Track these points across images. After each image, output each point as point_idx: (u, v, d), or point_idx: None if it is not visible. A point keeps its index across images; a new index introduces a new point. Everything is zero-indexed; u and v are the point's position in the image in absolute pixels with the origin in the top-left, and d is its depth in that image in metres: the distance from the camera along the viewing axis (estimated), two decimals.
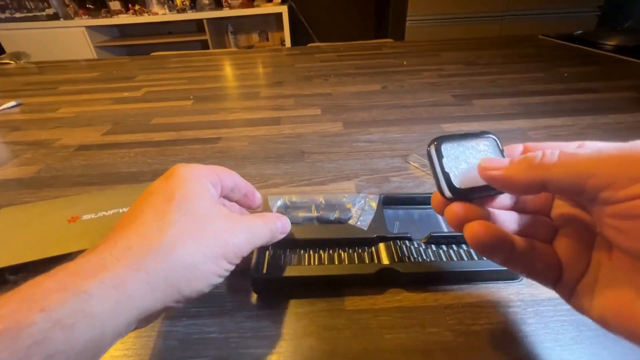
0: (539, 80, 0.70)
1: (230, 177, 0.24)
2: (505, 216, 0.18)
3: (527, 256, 0.16)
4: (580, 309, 0.16)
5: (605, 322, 0.14)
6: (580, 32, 1.05)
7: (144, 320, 0.17)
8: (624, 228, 0.13)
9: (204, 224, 0.19)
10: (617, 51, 0.86)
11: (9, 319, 0.12)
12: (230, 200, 0.26)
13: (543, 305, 0.23)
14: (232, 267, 0.20)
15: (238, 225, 0.21)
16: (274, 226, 0.23)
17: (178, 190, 0.19)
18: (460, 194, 0.17)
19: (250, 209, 0.27)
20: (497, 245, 0.16)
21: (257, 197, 0.27)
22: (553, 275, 0.16)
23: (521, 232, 0.18)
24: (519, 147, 0.18)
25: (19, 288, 0.14)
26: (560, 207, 0.18)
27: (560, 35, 1.05)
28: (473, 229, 0.16)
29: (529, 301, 0.23)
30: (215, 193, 0.22)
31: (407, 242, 0.27)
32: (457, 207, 0.17)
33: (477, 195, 0.18)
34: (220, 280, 0.19)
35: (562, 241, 0.17)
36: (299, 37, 2.55)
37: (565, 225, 0.17)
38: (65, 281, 0.14)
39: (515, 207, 0.19)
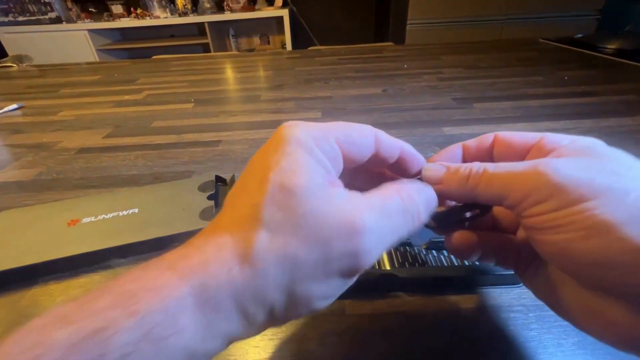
0: (539, 83, 0.70)
1: (359, 142, 0.16)
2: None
3: (497, 249, 0.19)
4: (526, 283, 0.19)
5: (539, 296, 0.19)
6: (580, 35, 1.05)
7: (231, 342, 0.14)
8: (532, 236, 0.15)
9: (309, 226, 0.13)
10: (617, 55, 0.86)
11: (102, 318, 0.11)
12: (371, 174, 0.19)
13: (545, 310, 0.22)
14: (351, 283, 0.15)
15: (363, 219, 0.14)
16: (415, 209, 0.16)
17: (275, 169, 0.14)
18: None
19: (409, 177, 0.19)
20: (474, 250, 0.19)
21: (418, 159, 0.18)
22: (513, 261, 0.19)
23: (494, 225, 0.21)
24: (457, 150, 0.20)
25: (115, 278, 0.12)
26: None
27: (560, 38, 1.05)
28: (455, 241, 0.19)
29: (530, 306, 0.23)
30: (332, 169, 0.15)
31: (407, 247, 0.27)
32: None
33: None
34: (330, 303, 0.15)
35: (521, 232, 0.20)
36: (300, 40, 2.56)
37: None
38: (157, 275, 0.12)
39: None
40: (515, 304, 0.23)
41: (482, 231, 0.19)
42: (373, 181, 0.18)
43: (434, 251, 0.26)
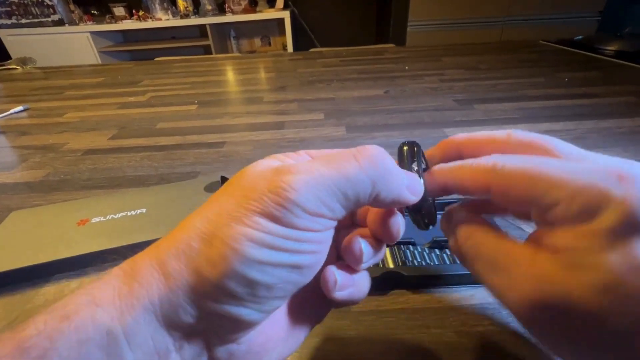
0: (539, 85, 0.70)
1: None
2: None
3: None
4: None
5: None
6: (580, 37, 1.06)
7: (180, 334, 0.12)
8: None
9: (237, 184, 0.13)
10: (617, 56, 0.86)
11: (24, 325, 0.11)
12: None
13: None
14: (294, 235, 0.12)
15: (294, 165, 0.13)
16: (374, 157, 0.14)
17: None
18: None
19: None
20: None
21: None
22: None
23: None
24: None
25: None
26: None
27: (560, 40, 1.06)
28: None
29: None
30: None
31: (411, 246, 0.27)
32: None
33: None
34: (275, 257, 0.12)
35: None
36: (301, 42, 2.57)
37: None
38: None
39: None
40: None
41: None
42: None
43: (436, 250, 0.27)
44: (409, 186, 0.15)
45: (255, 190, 0.12)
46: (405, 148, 0.17)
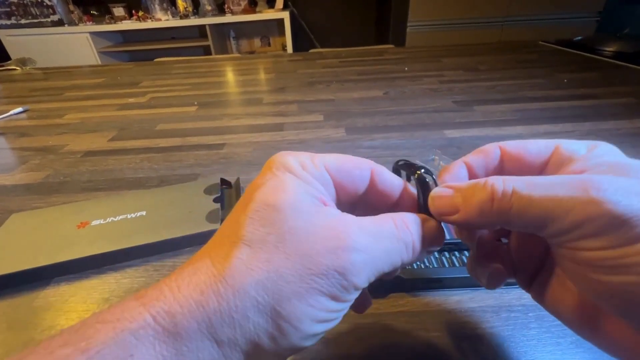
0: (539, 86, 0.70)
1: (352, 172, 0.16)
2: None
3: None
4: (537, 300, 0.17)
5: (558, 315, 0.17)
6: (579, 38, 1.06)
7: None
8: (578, 272, 0.13)
9: (294, 241, 0.12)
10: (616, 57, 0.86)
11: (53, 358, 0.10)
12: (368, 204, 0.17)
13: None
14: (344, 307, 0.14)
15: (351, 236, 0.13)
16: (409, 238, 0.15)
17: (258, 189, 0.14)
18: None
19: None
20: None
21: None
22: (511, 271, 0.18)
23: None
24: (461, 170, 0.17)
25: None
26: None
27: (560, 41, 1.06)
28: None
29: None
30: (322, 191, 0.15)
31: None
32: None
33: None
34: (326, 327, 0.13)
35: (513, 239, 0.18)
36: (301, 43, 2.57)
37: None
38: (121, 306, 0.12)
39: None
40: (515, 304, 0.24)
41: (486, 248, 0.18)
42: None
43: (435, 253, 0.27)
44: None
45: (319, 263, 0.12)
46: (426, 179, 0.16)
